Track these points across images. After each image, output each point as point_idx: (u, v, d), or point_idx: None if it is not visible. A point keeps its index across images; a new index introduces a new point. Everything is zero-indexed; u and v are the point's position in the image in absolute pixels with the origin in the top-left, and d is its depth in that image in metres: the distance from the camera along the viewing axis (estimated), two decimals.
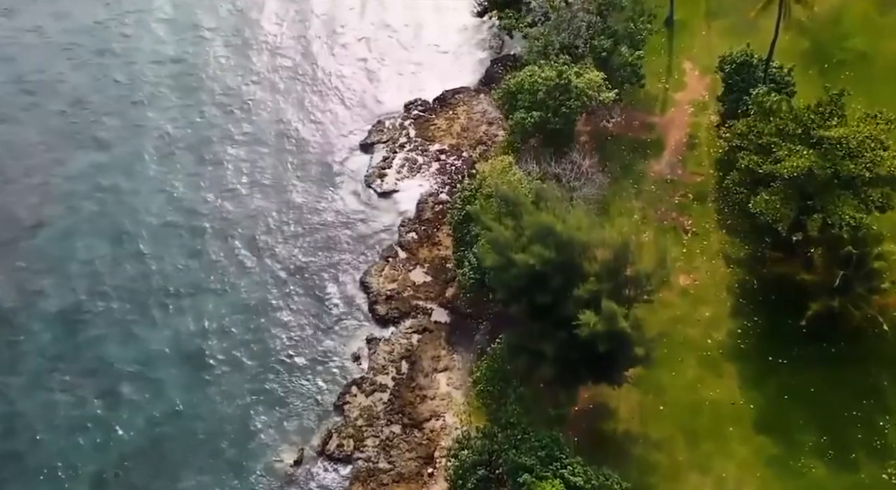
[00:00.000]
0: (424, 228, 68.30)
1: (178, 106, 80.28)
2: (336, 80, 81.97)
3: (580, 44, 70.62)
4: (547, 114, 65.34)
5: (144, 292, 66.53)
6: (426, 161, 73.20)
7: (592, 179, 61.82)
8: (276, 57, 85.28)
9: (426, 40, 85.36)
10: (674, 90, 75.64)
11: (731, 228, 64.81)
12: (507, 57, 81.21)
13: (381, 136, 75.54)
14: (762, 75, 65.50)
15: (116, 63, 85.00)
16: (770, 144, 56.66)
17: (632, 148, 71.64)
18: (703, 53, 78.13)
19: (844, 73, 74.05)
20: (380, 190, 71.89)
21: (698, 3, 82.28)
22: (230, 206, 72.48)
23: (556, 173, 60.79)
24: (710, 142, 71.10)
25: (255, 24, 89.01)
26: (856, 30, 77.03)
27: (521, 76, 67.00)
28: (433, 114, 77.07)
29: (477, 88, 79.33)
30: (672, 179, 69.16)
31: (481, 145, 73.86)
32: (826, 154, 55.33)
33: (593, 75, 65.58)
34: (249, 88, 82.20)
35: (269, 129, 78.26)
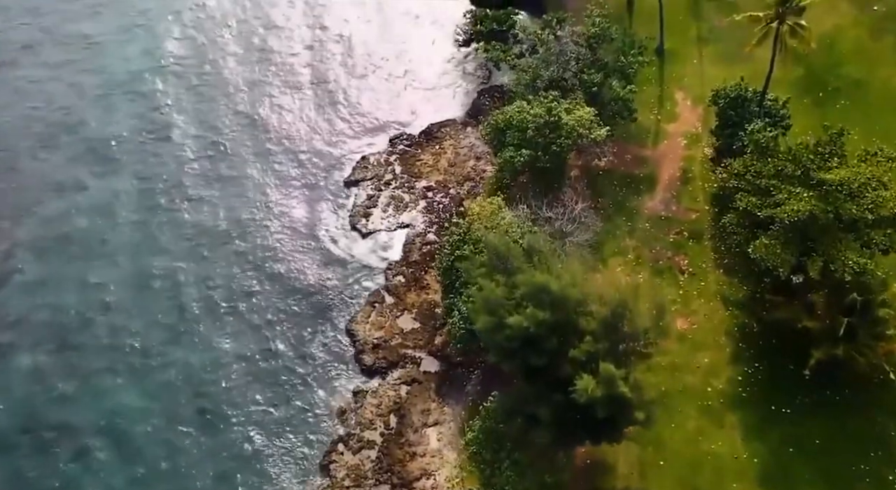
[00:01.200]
0: (412, 271, 65.88)
1: (152, 143, 77.60)
2: (318, 115, 79.25)
3: (569, 77, 68.58)
4: (536, 152, 63.16)
5: (117, 347, 63.63)
6: (413, 199, 70.80)
7: (585, 223, 59.63)
8: (256, 92, 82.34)
9: (411, 71, 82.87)
10: (666, 121, 73.66)
11: (729, 268, 62.78)
12: (495, 88, 78.94)
13: (366, 172, 73.09)
14: (757, 109, 63.61)
15: (87, 103, 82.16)
16: (769, 187, 54.71)
17: (624, 183, 69.55)
18: (694, 82, 76.27)
19: (840, 102, 72.49)
20: (365, 230, 69.34)
21: (688, 30, 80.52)
22: (206, 252, 69.61)
23: (548, 217, 58.51)
24: (704, 176, 69.09)
25: (235, 57, 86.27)
26: (849, 56, 75.47)
27: (510, 112, 64.83)
28: (419, 148, 74.73)
29: (464, 121, 76.97)
30: (666, 216, 67.06)
31: (469, 181, 71.54)
32: (827, 196, 53.41)
33: (584, 112, 63.47)
34: (227, 126, 79.23)
35: (247, 169, 75.43)
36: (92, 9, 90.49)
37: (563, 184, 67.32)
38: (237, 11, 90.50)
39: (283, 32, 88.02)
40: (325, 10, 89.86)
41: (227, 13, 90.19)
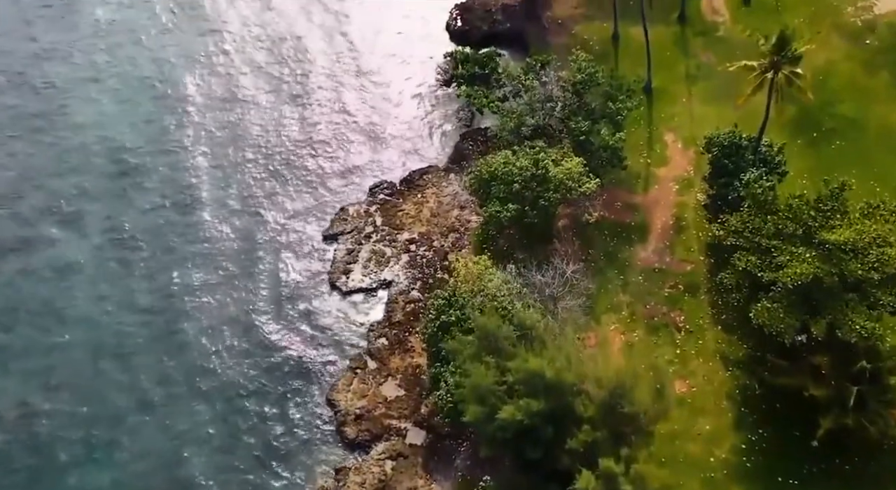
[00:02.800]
0: (395, 333, 62.52)
1: (118, 193, 73.72)
2: (294, 164, 75.60)
3: (555, 123, 65.75)
4: (524, 207, 60.23)
5: (79, 423, 59.70)
6: (394, 253, 67.50)
7: (577, 286, 56.62)
8: (233, 141, 78.14)
9: (391, 114, 79.57)
10: (656, 165, 70.84)
11: (728, 325, 59.88)
12: (478, 131, 75.73)
13: (345, 225, 69.65)
14: (752, 157, 60.94)
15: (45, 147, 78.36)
16: (769, 247, 51.96)
17: (615, 232, 66.57)
18: (685, 123, 73.58)
19: (835, 143, 70.02)
20: (345, 289, 65.79)
21: (676, 66, 77.87)
22: (174, 315, 65.54)
23: (538, 280, 55.45)
24: (697, 224, 66.25)
25: (206, 99, 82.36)
26: (844, 93, 73.02)
27: (495, 164, 61.81)
28: (400, 197, 71.44)
29: (446, 167, 73.76)
30: (660, 268, 64.14)
31: (454, 233, 68.33)
32: (830, 257, 50.74)
33: (572, 164, 60.58)
34: (196, 176, 75.29)
35: (217, 225, 71.32)
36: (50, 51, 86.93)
37: (552, 236, 64.49)
38: (207, 49, 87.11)
39: (258, 76, 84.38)
40: (297, 47, 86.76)
41: (198, 53, 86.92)
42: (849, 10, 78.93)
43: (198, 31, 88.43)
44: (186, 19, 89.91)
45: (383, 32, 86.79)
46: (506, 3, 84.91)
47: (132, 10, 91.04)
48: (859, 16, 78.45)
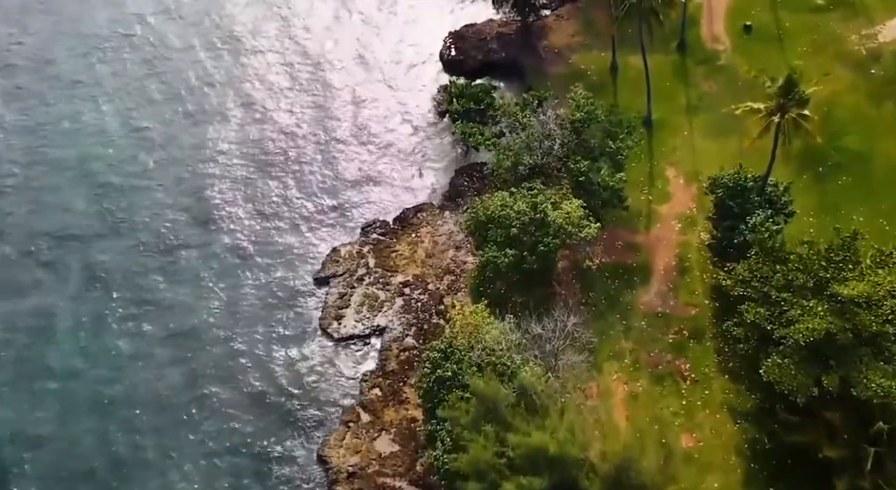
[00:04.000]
0: (389, 383, 60.10)
1: (99, 234, 71.25)
2: (283, 202, 72.95)
3: (553, 161, 63.50)
4: (522, 252, 57.95)
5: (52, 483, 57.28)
6: (388, 297, 65.08)
7: (578, 339, 54.31)
8: (219, 177, 75.44)
9: (384, 149, 76.92)
10: (658, 202, 68.62)
11: (735, 373, 57.58)
12: (474, 166, 73.15)
13: (337, 267, 67.18)
14: (758, 199, 58.75)
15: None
16: (779, 299, 49.74)
17: (616, 274, 64.31)
18: (686, 157, 71.44)
19: (841, 178, 67.88)
20: (337, 335, 63.26)
21: (677, 97, 75.75)
22: (160, 365, 62.86)
23: (538, 334, 53.13)
24: (701, 265, 64.01)
25: (187, 145, 78.61)
26: (849, 126, 70.87)
27: (491, 207, 59.52)
28: (394, 237, 69.02)
29: (441, 204, 71.36)
30: (664, 313, 61.88)
31: (449, 275, 65.99)
32: (843, 310, 48.51)
33: (572, 207, 58.34)
34: (180, 216, 72.55)
35: (204, 265, 68.64)
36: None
37: (551, 279, 62.23)
38: (189, 84, 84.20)
39: (244, 110, 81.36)
40: (286, 77, 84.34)
41: (178, 90, 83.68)
42: (852, 38, 76.98)
43: (178, 67, 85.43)
44: (168, 52, 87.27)
45: (376, 61, 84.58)
46: (501, 32, 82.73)
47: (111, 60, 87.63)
48: (863, 44, 76.50)
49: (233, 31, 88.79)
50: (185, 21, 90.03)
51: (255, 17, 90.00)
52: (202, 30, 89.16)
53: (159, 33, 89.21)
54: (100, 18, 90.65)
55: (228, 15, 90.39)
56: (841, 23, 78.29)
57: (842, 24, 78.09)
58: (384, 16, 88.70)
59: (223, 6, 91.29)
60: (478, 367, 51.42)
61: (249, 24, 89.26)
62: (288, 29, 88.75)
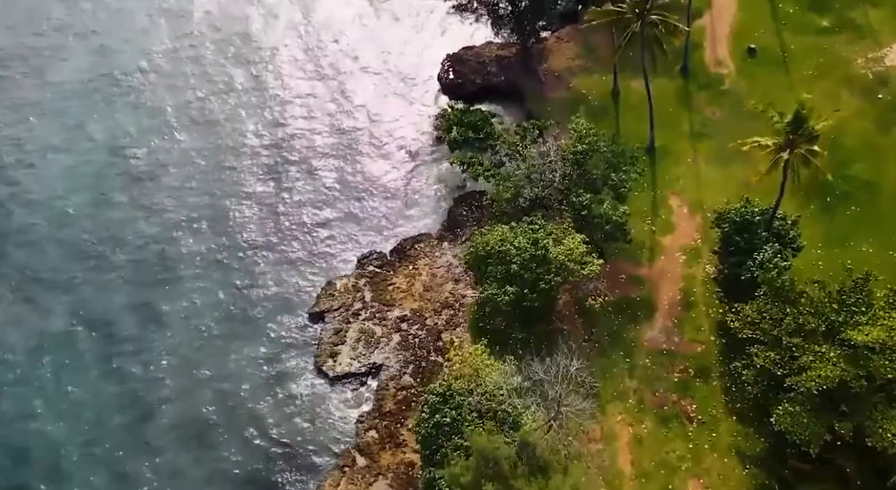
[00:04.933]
0: (386, 424, 58.19)
1: (85, 270, 68.93)
2: (277, 234, 70.86)
3: (554, 193, 61.76)
4: (522, 289, 56.17)
5: None
6: (385, 332, 63.24)
7: (582, 384, 52.49)
8: (210, 207, 73.23)
9: (380, 175, 75.00)
10: (661, 232, 66.84)
11: (743, 415, 55.72)
12: (472, 194, 71.35)
13: (332, 301, 65.29)
14: (765, 234, 57.02)
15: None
16: (790, 345, 48.00)
17: (619, 308, 62.47)
18: (690, 185, 69.68)
19: (849, 208, 66.10)
20: (332, 374, 61.26)
21: (680, 123, 74.00)
22: (143, 407, 60.90)
23: (540, 379, 51.29)
24: (707, 300, 62.24)
25: (179, 174, 76.10)
26: (857, 153, 69.12)
27: (491, 241, 57.78)
28: (391, 269, 67.20)
29: (439, 235, 69.42)
30: (668, 350, 60.09)
31: (448, 309, 64.15)
32: (856, 356, 46.80)
33: (574, 243, 56.58)
34: (171, 249, 70.32)
35: (195, 299, 66.52)
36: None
37: (553, 315, 60.45)
38: (177, 114, 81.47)
39: (236, 138, 78.91)
40: (277, 101, 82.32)
41: (167, 122, 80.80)
42: (859, 61, 75.28)
43: (160, 98, 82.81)
44: (157, 77, 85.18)
45: (371, 85, 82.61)
46: (500, 55, 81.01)
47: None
48: (870, 67, 74.78)
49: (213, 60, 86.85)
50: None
51: (237, 43, 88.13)
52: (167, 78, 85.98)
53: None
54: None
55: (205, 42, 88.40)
56: (847, 45, 76.67)
57: (848, 47, 76.47)
58: (380, 38, 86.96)
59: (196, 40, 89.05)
60: (478, 414, 49.68)
61: (231, 55, 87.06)
62: (274, 52, 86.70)
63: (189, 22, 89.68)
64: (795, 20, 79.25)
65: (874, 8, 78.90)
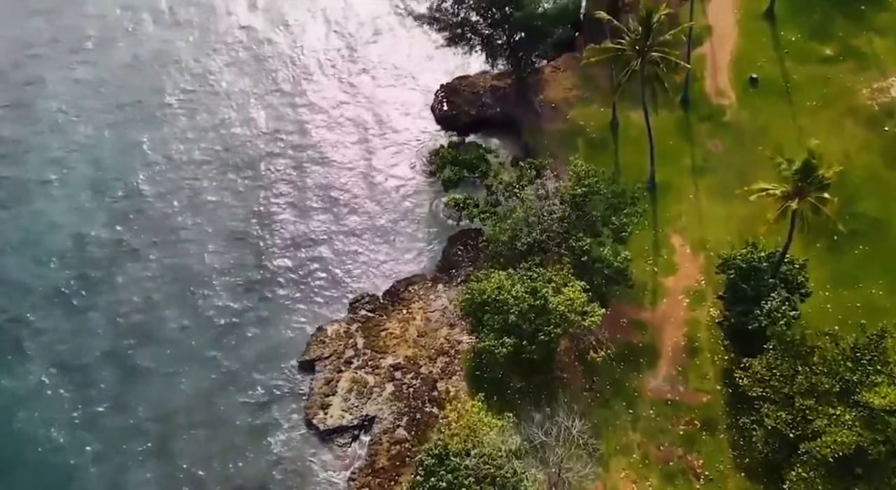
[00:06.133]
0: (379, 481, 55.51)
1: (68, 312, 66.37)
2: (266, 277, 68.12)
3: (553, 235, 59.49)
4: (521, 340, 53.86)
5: None
6: (378, 382, 60.77)
7: (585, 447, 50.12)
8: (196, 249, 70.38)
9: (371, 212, 72.37)
10: (664, 273, 64.57)
11: (752, 471, 53.26)
12: (468, 233, 68.77)
13: (323, 348, 62.73)
14: (772, 281, 54.81)
15: None
16: (803, 407, 45.74)
17: (622, 355, 60.10)
18: (693, 223, 67.42)
19: (858, 248, 63.89)
20: (323, 427, 58.55)
21: (681, 157, 71.77)
22: (123, 464, 58.11)
23: (541, 442, 48.93)
24: (712, 346, 59.99)
25: (164, 214, 73.34)
26: (864, 189, 66.87)
27: (488, 289, 55.49)
28: (384, 313, 64.74)
29: (434, 276, 66.88)
30: (673, 400, 57.78)
31: (443, 356, 61.69)
32: (873, 419, 44.59)
33: (574, 292, 54.29)
34: (154, 295, 67.64)
35: (179, 348, 63.77)
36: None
37: (552, 364, 58.14)
38: (157, 152, 78.70)
39: (221, 178, 76.11)
40: (265, 131, 79.86)
41: (145, 157, 78.27)
42: (864, 92, 73.17)
43: (139, 135, 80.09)
44: (135, 113, 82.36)
45: (363, 117, 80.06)
46: (495, 85, 78.78)
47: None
48: (875, 98, 72.68)
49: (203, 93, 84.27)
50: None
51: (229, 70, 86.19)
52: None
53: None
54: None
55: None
56: (851, 75, 74.59)
57: (852, 77, 74.39)
58: (372, 67, 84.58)
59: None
60: (475, 479, 47.32)
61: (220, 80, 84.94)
62: (262, 77, 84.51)
63: (168, 58, 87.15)
64: (798, 48, 77.26)
65: (878, 36, 76.97)
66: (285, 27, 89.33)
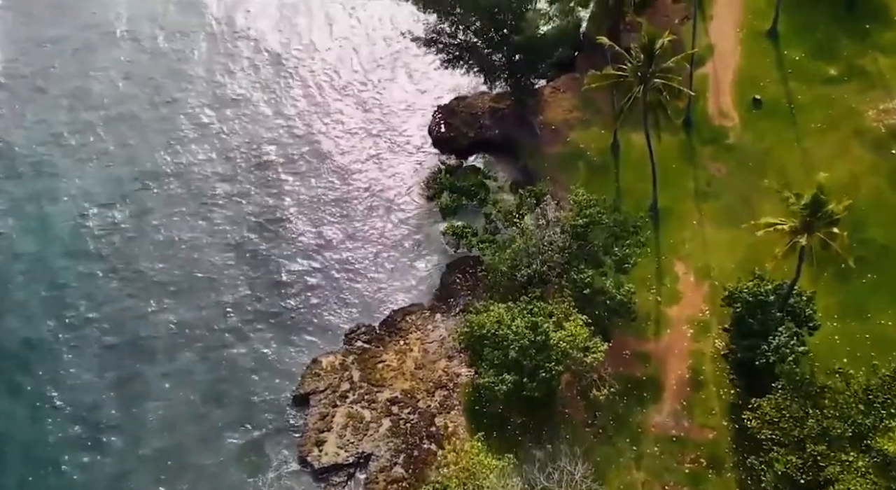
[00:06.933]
0: None
1: (52, 344, 64.76)
2: (259, 306, 66.41)
3: (553, 265, 57.94)
4: (521, 378, 52.29)
5: None
6: (374, 417, 59.09)
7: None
8: (188, 277, 68.71)
9: (367, 238, 70.65)
10: (667, 303, 62.96)
11: None
12: (466, 260, 67.01)
13: (318, 381, 61.08)
14: (780, 315, 53.24)
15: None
16: (815, 453, 44.15)
17: (624, 388, 58.34)
18: (697, 250, 65.83)
19: (866, 276, 62.22)
20: (317, 464, 56.78)
21: (684, 181, 70.17)
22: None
23: (543, 488, 47.33)
24: (717, 379, 58.42)
25: (159, 243, 71.51)
26: (871, 214, 65.27)
27: (487, 323, 53.89)
28: (380, 345, 63.11)
29: (431, 305, 65.29)
30: (678, 436, 56.20)
31: (441, 389, 60.07)
32: (888, 464, 43.04)
33: (576, 327, 52.70)
34: (146, 325, 65.96)
35: (170, 381, 62.15)
36: None
37: (554, 400, 56.54)
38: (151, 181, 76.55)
39: (212, 209, 73.86)
40: (255, 154, 78.11)
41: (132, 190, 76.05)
42: (870, 113, 71.56)
43: (131, 158, 78.52)
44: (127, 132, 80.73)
45: (359, 138, 78.33)
46: (493, 107, 77.16)
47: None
48: (882, 120, 71.11)
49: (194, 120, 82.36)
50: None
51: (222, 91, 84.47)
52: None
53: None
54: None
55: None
56: (856, 95, 73.01)
57: (857, 98, 72.81)
58: (368, 88, 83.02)
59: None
60: None
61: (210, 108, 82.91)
62: (255, 99, 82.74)
63: (154, 80, 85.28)
64: (802, 68, 75.72)
65: (884, 55, 75.42)
66: (281, 47, 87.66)
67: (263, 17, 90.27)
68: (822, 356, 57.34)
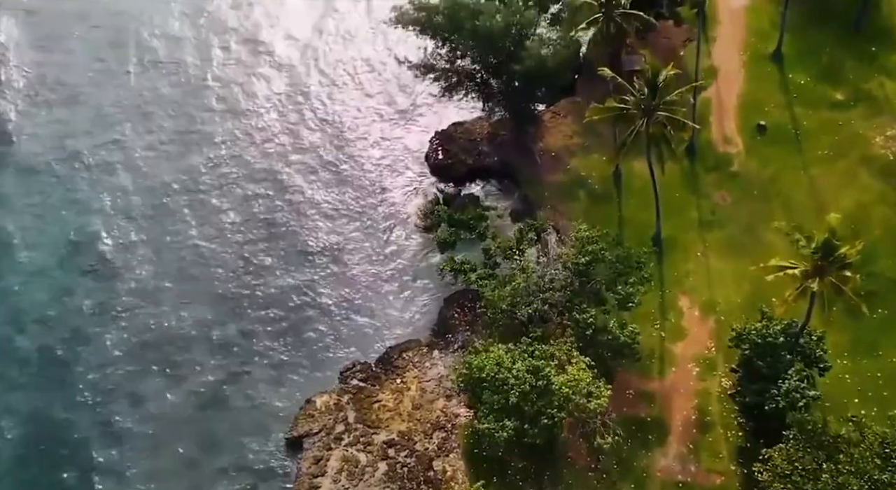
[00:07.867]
0: None
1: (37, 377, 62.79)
2: (250, 344, 64.19)
3: (554, 304, 56.17)
4: (522, 424, 50.46)
5: None
6: (370, 461, 57.07)
7: None
8: (175, 315, 66.36)
9: (363, 271, 68.52)
10: (671, 339, 61.13)
11: None
12: (464, 293, 64.65)
13: (312, 423, 58.97)
14: (789, 357, 51.45)
15: None
16: None
17: (629, 430, 56.51)
18: (701, 283, 64.03)
19: (876, 311, 60.03)
20: None
21: (687, 210, 68.39)
22: None
23: None
24: (725, 421, 56.60)
25: (148, 274, 69.31)
26: (881, 245, 63.60)
27: (487, 366, 52.05)
28: (376, 383, 61.12)
29: (429, 341, 63.25)
30: (685, 482, 54.31)
31: (440, 431, 58.06)
32: None
33: (579, 371, 50.89)
34: (124, 365, 63.56)
35: (155, 427, 59.90)
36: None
37: (556, 444, 54.71)
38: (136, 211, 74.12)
39: (209, 235, 71.88)
40: (247, 182, 76.01)
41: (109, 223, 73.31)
42: (877, 140, 69.98)
43: (120, 188, 75.82)
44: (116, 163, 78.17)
45: (355, 166, 76.19)
46: (491, 133, 75.32)
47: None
48: (890, 147, 69.52)
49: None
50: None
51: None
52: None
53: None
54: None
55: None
56: (864, 121, 71.37)
57: (865, 123, 71.18)
58: (363, 113, 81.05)
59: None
60: None
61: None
62: (243, 124, 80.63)
63: (148, 106, 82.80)
64: (807, 92, 74.02)
65: (890, 79, 73.76)
66: (273, 72, 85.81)
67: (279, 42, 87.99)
68: (833, 396, 55.65)
